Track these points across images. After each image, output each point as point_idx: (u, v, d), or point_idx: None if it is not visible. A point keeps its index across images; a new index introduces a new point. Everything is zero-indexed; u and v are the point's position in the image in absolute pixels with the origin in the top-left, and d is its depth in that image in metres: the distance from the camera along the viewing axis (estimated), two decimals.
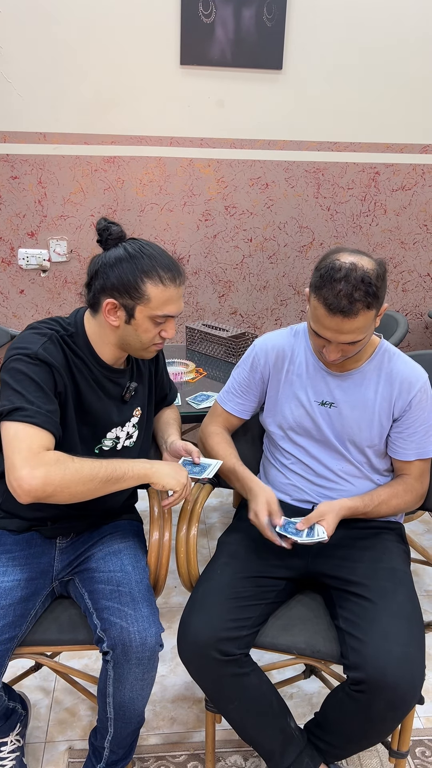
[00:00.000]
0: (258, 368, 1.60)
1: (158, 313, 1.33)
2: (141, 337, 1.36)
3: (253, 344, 1.63)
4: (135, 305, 1.32)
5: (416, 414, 1.49)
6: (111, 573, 1.41)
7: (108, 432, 1.46)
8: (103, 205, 2.61)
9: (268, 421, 1.62)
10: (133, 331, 1.36)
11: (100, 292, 1.34)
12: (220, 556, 1.52)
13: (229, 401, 1.65)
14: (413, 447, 1.51)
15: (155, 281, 1.31)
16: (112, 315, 1.34)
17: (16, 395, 1.26)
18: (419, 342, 3.02)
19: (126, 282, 1.31)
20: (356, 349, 1.41)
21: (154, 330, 1.36)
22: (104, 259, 1.35)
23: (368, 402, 1.50)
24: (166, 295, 1.33)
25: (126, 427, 1.49)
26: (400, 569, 1.46)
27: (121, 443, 1.49)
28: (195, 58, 2.45)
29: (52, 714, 1.76)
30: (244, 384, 1.62)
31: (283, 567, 1.49)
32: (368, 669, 1.25)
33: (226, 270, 2.79)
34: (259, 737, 1.41)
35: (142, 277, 1.31)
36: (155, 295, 1.32)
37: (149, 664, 1.32)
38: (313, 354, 1.54)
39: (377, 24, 2.51)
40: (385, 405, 1.50)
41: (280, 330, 1.62)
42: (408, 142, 2.69)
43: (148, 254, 1.33)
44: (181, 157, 2.59)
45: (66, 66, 2.42)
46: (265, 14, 2.42)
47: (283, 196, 2.71)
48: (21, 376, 1.28)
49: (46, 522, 1.47)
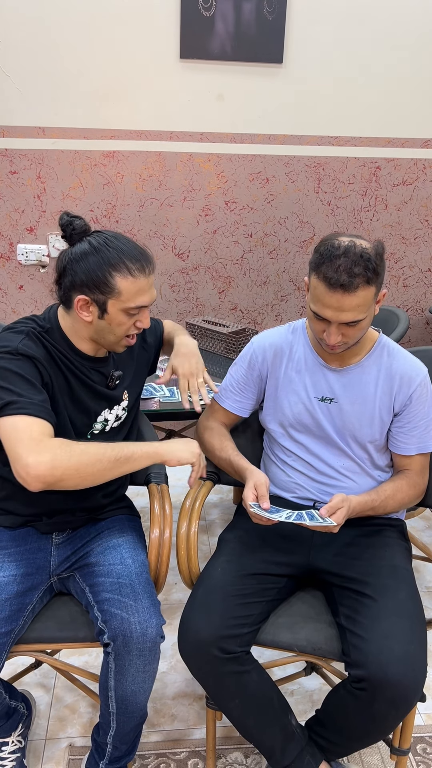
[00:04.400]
0: (256, 366, 1.58)
1: (131, 305, 1.33)
2: (115, 330, 1.36)
3: (250, 342, 1.62)
4: (106, 300, 1.32)
5: (417, 408, 1.48)
6: (111, 566, 1.41)
7: (98, 416, 1.46)
8: (103, 200, 2.60)
9: (267, 419, 1.61)
10: (106, 325, 1.35)
11: (70, 288, 1.33)
12: (221, 554, 1.51)
13: (227, 399, 1.64)
14: (414, 441, 1.50)
15: (124, 274, 1.30)
16: (85, 311, 1.34)
17: (4, 392, 1.26)
18: (420, 338, 3.01)
19: (95, 277, 1.30)
20: (357, 334, 1.40)
21: (129, 322, 1.36)
22: (70, 255, 1.33)
23: (368, 397, 1.49)
24: (137, 287, 1.32)
25: (115, 410, 1.50)
26: (402, 566, 1.45)
27: (109, 425, 1.49)
28: (195, 51, 2.43)
29: (53, 711, 1.76)
30: (242, 382, 1.61)
31: (284, 564, 1.48)
32: (370, 667, 1.24)
33: (227, 265, 2.78)
34: (260, 735, 1.40)
35: (110, 270, 1.30)
36: (125, 288, 1.31)
37: (150, 656, 1.32)
38: (312, 350, 1.53)
39: (378, 18, 2.49)
40: (386, 400, 1.49)
41: (278, 327, 1.61)
42: (409, 137, 2.68)
43: (114, 246, 1.32)
44: (180, 151, 2.57)
45: (65, 60, 2.40)
46: (266, 7, 2.40)
47: (284, 191, 2.69)
48: (6, 373, 1.28)
49: (41, 517, 1.47)
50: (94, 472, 1.26)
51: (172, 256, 2.72)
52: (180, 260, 2.74)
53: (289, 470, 1.58)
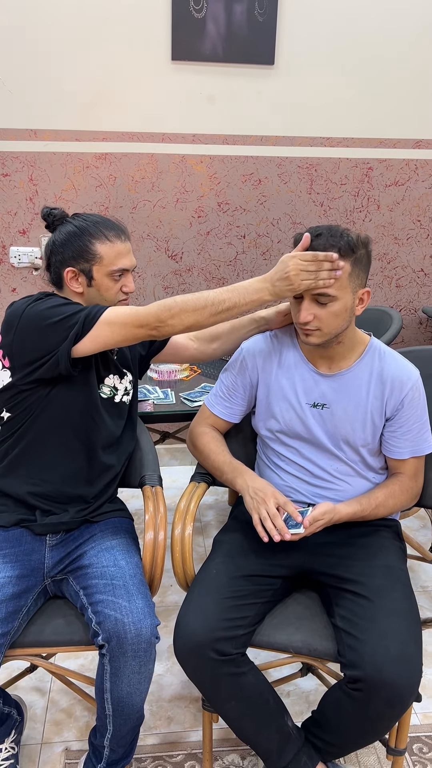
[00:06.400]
0: (246, 372, 1.58)
1: (113, 268, 1.48)
2: (105, 296, 1.50)
3: (240, 347, 1.61)
4: (91, 267, 1.48)
5: (409, 413, 1.48)
6: (104, 568, 1.41)
7: (106, 379, 1.56)
8: (95, 202, 2.59)
9: (260, 425, 1.60)
10: (96, 292, 1.50)
11: (59, 266, 1.49)
12: (216, 555, 1.51)
13: (217, 404, 1.63)
14: (407, 445, 1.50)
15: (102, 240, 1.47)
16: (75, 282, 1.49)
17: (70, 307, 1.40)
18: (413, 338, 3.02)
19: (78, 249, 1.47)
20: (330, 320, 1.39)
21: (115, 286, 1.51)
22: (54, 237, 1.51)
23: (360, 402, 1.49)
24: (115, 250, 1.48)
25: (124, 382, 1.60)
26: (397, 567, 1.45)
27: (119, 395, 1.59)
28: (186, 53, 2.43)
29: (48, 715, 1.75)
30: (232, 388, 1.60)
31: (279, 565, 1.48)
32: (366, 667, 1.24)
33: (220, 267, 2.78)
34: (257, 736, 1.40)
35: (90, 239, 1.47)
36: (105, 252, 1.47)
37: (146, 657, 1.32)
38: (302, 355, 1.53)
39: (370, 18, 2.50)
40: (377, 404, 1.49)
41: (268, 333, 1.60)
42: (401, 138, 2.69)
43: (91, 220, 1.50)
44: (173, 153, 2.57)
45: (57, 62, 2.39)
46: (257, 9, 2.40)
47: (276, 192, 2.70)
48: (54, 303, 1.41)
49: (34, 512, 1.48)
50: (199, 306, 1.39)
51: (165, 258, 2.72)
52: (173, 262, 2.74)
53: (284, 474, 1.58)
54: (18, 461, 1.49)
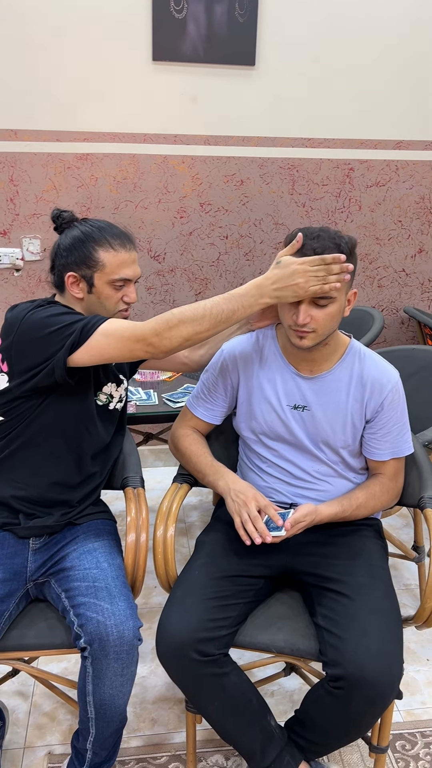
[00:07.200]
0: (227, 373, 1.57)
1: (114, 277, 1.45)
2: (105, 304, 1.47)
3: (221, 349, 1.60)
4: (93, 273, 1.45)
5: (389, 414, 1.49)
6: (86, 570, 1.40)
7: (104, 386, 1.56)
8: (77, 202, 2.58)
9: (241, 426, 1.60)
10: (96, 299, 1.47)
11: (62, 270, 1.47)
12: (199, 556, 1.51)
13: (199, 406, 1.63)
14: (387, 447, 1.51)
15: (106, 248, 1.45)
16: (75, 287, 1.47)
17: (70, 316, 1.38)
18: (396, 338, 3.04)
19: (81, 254, 1.44)
20: (326, 322, 1.38)
21: (116, 295, 1.48)
22: (60, 241, 1.49)
23: (340, 404, 1.49)
24: (119, 260, 1.45)
25: (120, 389, 1.60)
26: (378, 565, 1.46)
27: (113, 403, 1.58)
28: (167, 54, 2.43)
29: (31, 719, 1.74)
30: (213, 389, 1.60)
31: (261, 565, 1.48)
32: (346, 665, 1.25)
33: (203, 267, 2.78)
34: (240, 737, 1.40)
35: (94, 246, 1.44)
36: (108, 261, 1.44)
37: (128, 659, 1.32)
38: (283, 357, 1.53)
39: (350, 19, 2.51)
40: (357, 407, 1.49)
41: (249, 334, 1.59)
42: (382, 138, 2.70)
43: (97, 227, 1.47)
44: (154, 153, 2.57)
45: (37, 62, 2.38)
46: (237, 10, 2.40)
47: (258, 193, 2.70)
48: (55, 311, 1.39)
49: (17, 516, 1.47)
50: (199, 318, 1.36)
51: (148, 259, 2.72)
52: (156, 262, 2.73)
53: (265, 476, 1.58)
54: (5, 465, 1.48)
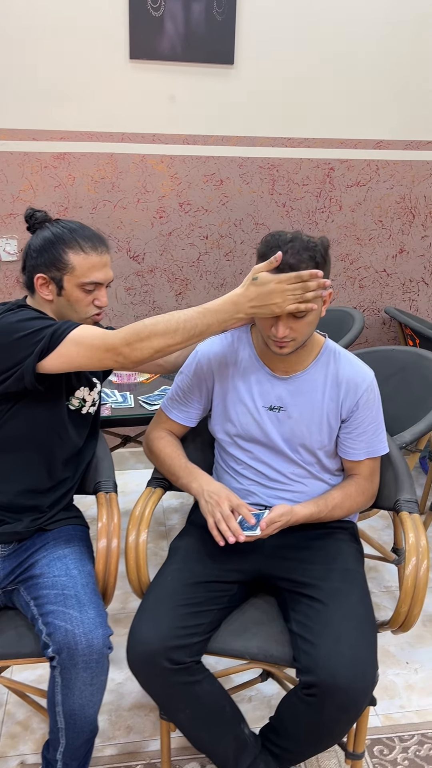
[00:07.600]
0: (202, 376, 1.55)
1: (84, 280, 1.41)
2: (75, 307, 1.44)
3: (195, 350, 1.57)
4: (62, 276, 1.41)
5: (364, 414, 1.48)
6: (56, 578, 1.38)
7: (76, 391, 1.52)
8: (54, 202, 2.55)
9: (216, 429, 1.58)
10: (66, 302, 1.43)
11: (32, 271, 1.44)
12: (172, 561, 1.48)
13: (173, 409, 1.61)
14: (363, 447, 1.49)
15: (76, 250, 1.40)
16: (45, 289, 1.43)
17: (41, 321, 1.35)
18: (377, 338, 3.03)
19: (50, 256, 1.41)
20: (304, 329, 1.37)
21: (86, 299, 1.43)
22: (31, 241, 1.45)
23: (316, 404, 1.48)
24: (89, 263, 1.41)
25: (93, 393, 1.57)
26: (353, 569, 1.45)
27: (86, 407, 1.55)
28: (144, 52, 2.40)
29: (4, 728, 1.71)
30: (188, 392, 1.57)
31: (235, 571, 1.46)
32: (319, 672, 1.23)
33: (183, 268, 2.76)
34: (212, 745, 1.38)
35: (64, 248, 1.40)
36: (78, 263, 1.40)
37: (98, 668, 1.29)
38: (258, 358, 1.51)
39: (329, 19, 2.50)
40: (333, 406, 1.48)
41: (223, 335, 1.56)
42: (362, 138, 2.69)
43: (69, 228, 1.43)
44: (133, 153, 2.54)
45: (12, 60, 2.35)
46: (215, 8, 2.38)
47: (238, 193, 2.68)
48: (25, 316, 1.36)
49: None
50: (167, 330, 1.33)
51: (126, 259, 2.69)
52: (135, 263, 2.71)
53: (240, 478, 1.56)
54: None
